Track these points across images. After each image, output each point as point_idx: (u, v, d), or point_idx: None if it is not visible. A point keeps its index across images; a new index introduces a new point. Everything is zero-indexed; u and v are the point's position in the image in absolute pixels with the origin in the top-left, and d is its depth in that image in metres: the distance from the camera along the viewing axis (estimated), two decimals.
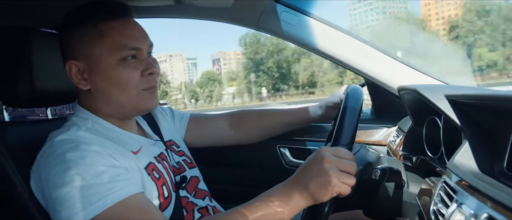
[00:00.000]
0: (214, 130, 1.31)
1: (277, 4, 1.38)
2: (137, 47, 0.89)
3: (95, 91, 0.90)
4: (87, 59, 0.88)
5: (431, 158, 0.97)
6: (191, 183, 1.07)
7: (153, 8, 1.37)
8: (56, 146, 0.80)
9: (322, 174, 0.72)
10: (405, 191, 0.95)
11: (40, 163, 0.81)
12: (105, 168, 0.78)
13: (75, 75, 0.89)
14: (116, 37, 0.87)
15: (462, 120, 0.76)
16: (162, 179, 0.93)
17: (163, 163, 0.98)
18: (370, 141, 1.45)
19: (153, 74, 0.91)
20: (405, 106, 1.16)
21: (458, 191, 0.64)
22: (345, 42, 1.37)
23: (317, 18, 1.38)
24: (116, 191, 0.76)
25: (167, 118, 1.21)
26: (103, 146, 0.82)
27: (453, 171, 0.69)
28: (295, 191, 0.74)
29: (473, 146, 0.71)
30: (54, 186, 0.76)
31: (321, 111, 1.28)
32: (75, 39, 0.88)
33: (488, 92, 0.71)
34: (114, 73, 0.87)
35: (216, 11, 1.41)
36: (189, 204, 1.01)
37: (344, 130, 0.81)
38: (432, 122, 1.00)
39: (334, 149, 0.75)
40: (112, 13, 0.89)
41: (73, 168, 0.75)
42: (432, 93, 0.84)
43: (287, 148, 1.52)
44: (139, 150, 0.93)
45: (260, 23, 1.40)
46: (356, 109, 0.85)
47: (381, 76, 1.36)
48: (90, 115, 0.92)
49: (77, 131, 0.85)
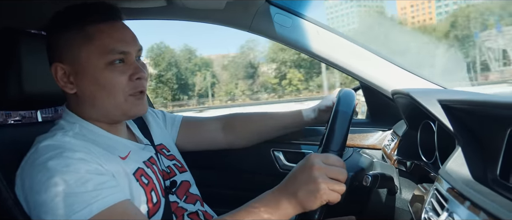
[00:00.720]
0: (206, 133, 1.29)
1: (271, 6, 1.37)
2: (125, 51, 0.87)
3: (82, 94, 0.88)
4: (74, 62, 0.86)
5: (425, 163, 0.96)
6: (182, 187, 1.05)
7: (144, 10, 1.36)
8: (40, 153, 0.78)
9: (311, 182, 0.70)
10: (398, 197, 0.94)
11: (24, 169, 0.80)
12: (90, 176, 0.76)
13: (61, 78, 0.88)
14: (104, 40, 0.85)
15: (455, 125, 0.75)
16: (151, 185, 0.92)
17: (153, 167, 0.96)
18: (365, 145, 1.43)
19: (141, 79, 0.90)
20: (400, 110, 1.15)
21: (449, 199, 0.62)
22: (339, 44, 1.36)
23: (311, 20, 1.37)
24: (102, 198, 0.74)
25: (158, 122, 1.20)
26: (89, 152, 0.81)
27: (445, 178, 0.68)
28: (284, 198, 0.73)
29: (466, 153, 0.70)
30: (37, 193, 0.75)
31: (314, 114, 1.26)
32: (62, 41, 0.87)
33: (482, 97, 0.70)
34: (101, 77, 0.86)
35: (208, 12, 1.40)
36: (179, 209, 1.00)
37: (334, 136, 0.79)
38: (427, 126, 0.99)
39: (324, 155, 0.74)
40: (101, 15, 0.87)
41: (56, 176, 0.74)
42: (425, 97, 0.83)
43: (281, 152, 1.51)
44: (127, 155, 0.92)
45: (253, 25, 1.38)
46: (348, 113, 0.84)
47: (376, 79, 1.35)
48: (77, 119, 0.91)
49: (63, 137, 0.83)
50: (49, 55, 0.91)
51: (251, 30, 1.40)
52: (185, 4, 1.28)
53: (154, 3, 1.27)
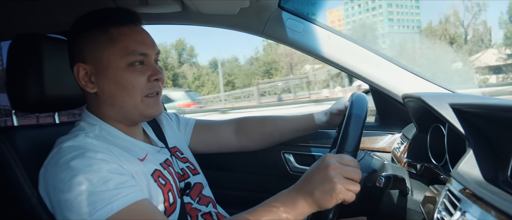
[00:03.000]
0: (219, 136, 1.31)
1: (283, 11, 1.39)
2: (145, 53, 0.91)
3: (101, 94, 0.91)
4: (96, 62, 0.90)
5: (435, 166, 0.97)
6: (195, 189, 1.08)
7: (160, 15, 1.39)
8: (64, 153, 0.81)
9: (326, 181, 0.72)
10: (409, 199, 0.96)
11: (48, 169, 0.82)
12: (112, 175, 0.79)
13: (83, 77, 0.91)
14: (126, 42, 0.89)
15: (466, 128, 0.76)
16: (168, 185, 0.94)
17: (169, 169, 0.99)
18: (375, 148, 1.45)
19: (159, 81, 0.93)
20: (410, 114, 1.17)
21: (462, 199, 0.64)
22: (350, 49, 1.38)
23: (322, 25, 1.39)
24: (122, 197, 0.77)
25: (172, 124, 1.22)
26: (110, 153, 0.83)
27: (457, 179, 0.70)
28: (300, 198, 0.74)
29: (477, 155, 0.71)
30: (61, 192, 0.77)
31: (326, 117, 1.28)
32: (86, 42, 0.90)
33: (492, 101, 0.71)
34: (122, 77, 0.89)
35: (222, 18, 1.42)
36: (192, 210, 1.02)
37: (349, 137, 0.81)
38: (437, 129, 1.00)
39: (339, 156, 0.76)
40: (123, 19, 0.91)
41: (79, 175, 0.76)
42: (437, 101, 0.84)
43: (291, 154, 1.52)
44: (145, 157, 0.94)
45: (265, 30, 1.41)
46: (361, 116, 0.86)
47: (386, 83, 1.37)
48: (97, 121, 0.93)
49: (84, 138, 0.85)
50: (71, 56, 0.94)
51: (263, 35, 1.42)
52: (200, 9, 1.30)
53: (170, 8, 1.30)
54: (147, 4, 1.24)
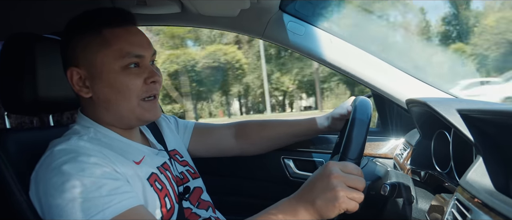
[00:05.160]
0: (218, 140, 1.29)
1: (284, 13, 1.37)
2: (140, 55, 0.88)
3: (97, 98, 0.89)
4: (90, 66, 0.87)
5: (440, 173, 0.95)
6: (194, 193, 1.05)
7: (158, 16, 1.37)
8: (55, 157, 0.78)
9: (329, 190, 0.70)
10: (414, 207, 0.93)
11: (39, 173, 0.80)
12: (105, 181, 0.76)
13: (76, 82, 0.88)
14: (120, 44, 0.86)
15: (475, 135, 0.74)
16: (165, 190, 0.91)
17: (166, 173, 0.96)
18: (376, 154, 1.42)
19: (155, 83, 0.90)
20: (413, 119, 1.14)
21: (471, 209, 0.62)
22: (352, 53, 1.36)
23: (324, 28, 1.37)
24: (116, 204, 0.74)
25: (171, 127, 1.20)
26: (103, 157, 0.81)
27: (466, 188, 0.67)
28: (301, 206, 0.72)
29: (487, 163, 0.69)
30: (52, 197, 0.75)
31: (328, 122, 1.26)
32: (78, 46, 0.87)
33: (501, 107, 0.69)
34: (117, 80, 0.86)
35: (222, 20, 1.40)
36: (192, 215, 0.99)
37: (352, 144, 0.79)
38: (441, 136, 0.98)
39: (342, 164, 0.73)
40: (117, 20, 0.88)
41: (71, 180, 0.74)
42: (443, 107, 0.82)
43: (291, 160, 1.50)
44: (141, 160, 0.92)
45: (266, 33, 1.39)
46: (365, 121, 0.84)
47: (388, 88, 1.35)
48: (92, 123, 0.91)
49: (77, 141, 0.83)
50: (64, 60, 0.91)
51: (264, 38, 1.41)
52: (199, 10, 1.28)
53: (168, 9, 1.28)
54: (145, 5, 1.22)
